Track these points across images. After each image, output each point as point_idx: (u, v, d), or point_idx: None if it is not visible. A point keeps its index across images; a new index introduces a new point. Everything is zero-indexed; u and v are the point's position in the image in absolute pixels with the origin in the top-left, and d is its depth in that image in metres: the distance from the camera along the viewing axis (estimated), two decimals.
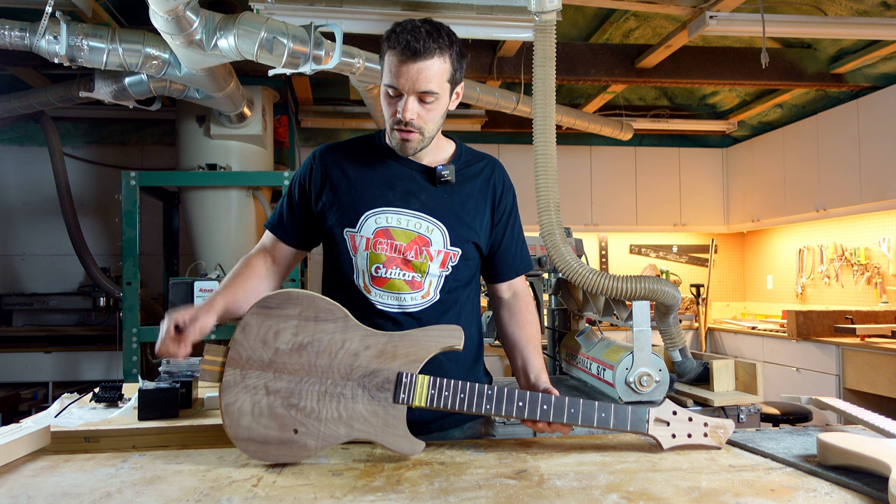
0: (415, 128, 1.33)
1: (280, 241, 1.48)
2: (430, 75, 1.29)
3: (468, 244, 1.41)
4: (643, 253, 6.26)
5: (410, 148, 1.36)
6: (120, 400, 2.06)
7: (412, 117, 1.31)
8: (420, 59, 1.27)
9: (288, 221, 1.47)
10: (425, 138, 1.36)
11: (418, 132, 1.34)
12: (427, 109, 1.32)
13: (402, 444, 1.18)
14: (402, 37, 1.27)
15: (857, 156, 4.51)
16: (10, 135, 5.31)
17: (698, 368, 2.15)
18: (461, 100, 1.47)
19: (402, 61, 1.28)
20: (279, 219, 1.49)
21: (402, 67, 1.28)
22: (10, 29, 2.87)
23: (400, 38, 1.28)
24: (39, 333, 4.94)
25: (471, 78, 4.15)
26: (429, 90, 1.30)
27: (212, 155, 4.15)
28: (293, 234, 1.48)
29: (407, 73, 1.28)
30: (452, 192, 1.41)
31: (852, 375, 4.08)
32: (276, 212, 1.50)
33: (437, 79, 1.30)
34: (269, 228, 1.50)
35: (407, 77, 1.28)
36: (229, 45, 2.73)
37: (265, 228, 1.52)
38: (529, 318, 1.51)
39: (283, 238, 1.48)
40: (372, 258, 1.37)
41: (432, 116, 1.34)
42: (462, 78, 1.39)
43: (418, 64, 1.27)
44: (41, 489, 1.04)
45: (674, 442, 1.23)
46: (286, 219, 1.47)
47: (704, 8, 3.47)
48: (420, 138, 1.35)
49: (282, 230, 1.48)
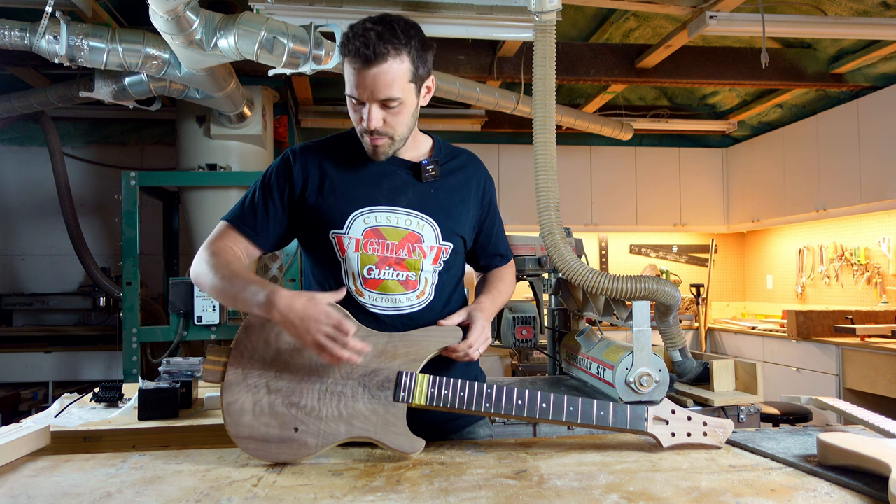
0: (382, 134, 1.28)
1: (247, 239, 1.35)
2: (387, 81, 1.22)
3: (457, 238, 1.41)
4: (643, 253, 6.26)
5: (382, 153, 1.32)
6: (120, 400, 2.06)
7: (377, 125, 1.26)
8: (373, 66, 1.20)
9: (260, 220, 1.36)
10: (396, 141, 1.32)
11: (387, 137, 1.29)
12: (393, 114, 1.27)
13: (401, 442, 1.18)
14: (353, 43, 1.20)
15: (857, 156, 4.51)
16: (10, 135, 5.31)
17: (698, 368, 2.15)
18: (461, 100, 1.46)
19: (357, 69, 1.22)
20: (248, 216, 1.36)
21: (359, 76, 1.22)
22: (10, 29, 2.87)
23: (351, 44, 1.21)
24: (39, 333, 4.94)
25: (471, 78, 4.14)
26: (389, 97, 1.24)
27: (212, 155, 4.15)
28: (262, 233, 1.36)
29: (363, 81, 1.22)
30: (438, 186, 1.39)
31: (852, 375, 4.08)
32: (242, 209, 1.37)
33: (397, 83, 1.23)
34: (235, 224, 1.36)
35: (364, 86, 1.22)
36: (229, 45, 2.73)
37: (225, 223, 1.37)
38: (504, 274, 1.55)
39: (251, 236, 1.35)
40: (363, 259, 1.32)
41: (400, 120, 1.29)
42: (429, 72, 1.31)
43: (373, 70, 1.21)
44: (41, 489, 1.04)
45: (673, 440, 1.23)
46: (258, 217, 1.35)
47: (704, 8, 3.47)
48: (390, 142, 1.31)
49: (250, 228, 1.35)
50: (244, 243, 1.35)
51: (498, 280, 1.53)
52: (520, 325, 2.31)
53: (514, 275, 1.60)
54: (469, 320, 1.33)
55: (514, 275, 1.61)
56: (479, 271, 1.59)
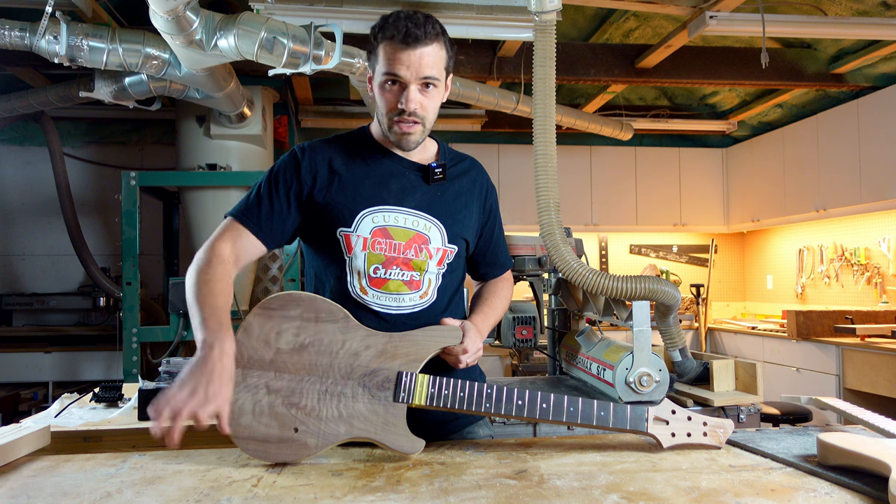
0: (418, 118, 1.31)
1: (252, 235, 1.34)
2: (431, 61, 1.28)
3: (461, 241, 1.42)
4: (643, 253, 6.26)
5: (413, 141, 1.34)
6: (120, 400, 2.06)
7: (416, 107, 1.29)
8: (421, 45, 1.26)
9: (265, 216, 1.35)
10: (426, 129, 1.35)
11: (421, 123, 1.32)
12: (428, 98, 1.31)
13: (401, 442, 1.18)
14: (401, 24, 1.26)
15: (857, 156, 4.50)
16: (10, 135, 5.31)
17: (698, 368, 2.15)
18: (461, 100, 1.47)
19: (403, 48, 1.26)
20: (253, 211, 1.35)
21: (403, 55, 1.26)
22: (10, 29, 2.87)
23: (399, 25, 1.26)
24: (39, 333, 4.94)
25: (471, 78, 4.15)
26: (431, 76, 1.29)
27: (212, 155, 4.15)
28: (267, 229, 1.35)
29: (408, 59, 1.26)
30: (444, 189, 1.40)
31: (852, 375, 4.08)
32: (248, 204, 1.36)
33: (438, 65, 1.30)
34: (240, 220, 1.34)
35: (409, 64, 1.27)
36: (229, 45, 2.73)
37: (231, 218, 1.35)
38: (499, 288, 1.54)
39: (256, 232, 1.34)
40: (370, 258, 1.33)
41: (433, 105, 1.33)
42: (453, 68, 1.38)
43: (419, 50, 1.26)
44: (41, 489, 1.04)
45: (673, 441, 1.23)
46: (263, 213, 1.35)
47: (704, 8, 3.47)
48: (422, 129, 1.34)
49: (255, 224, 1.34)
50: (249, 239, 1.34)
51: (492, 295, 1.51)
52: (520, 325, 2.31)
53: (510, 287, 1.58)
54: (462, 330, 1.32)
55: (511, 287, 1.59)
56: (477, 280, 1.58)
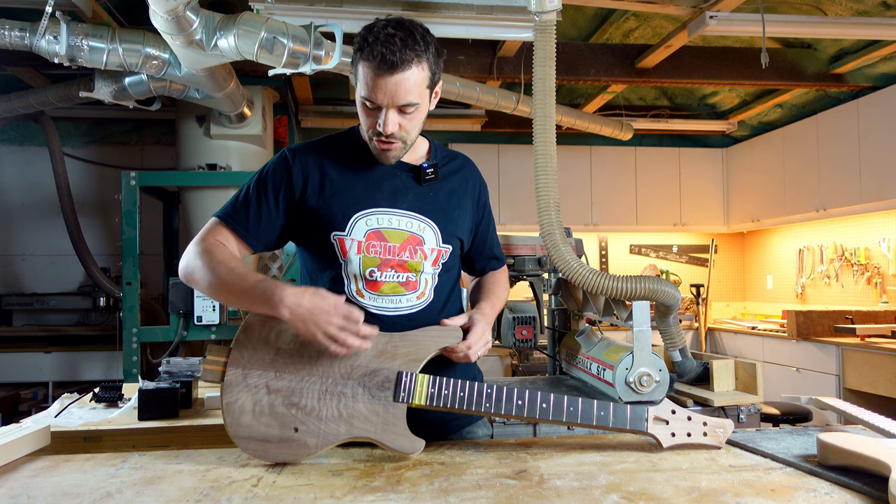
0: (396, 138, 1.28)
1: (237, 238, 1.32)
2: (409, 87, 1.22)
3: (456, 240, 1.42)
4: (643, 253, 6.26)
5: (392, 157, 1.32)
6: (120, 400, 2.06)
7: (393, 130, 1.25)
8: (397, 72, 1.20)
9: (252, 219, 1.32)
10: (407, 145, 1.32)
11: (400, 141, 1.29)
12: (408, 119, 1.27)
13: (401, 442, 1.18)
14: (376, 49, 1.19)
15: (857, 156, 4.50)
16: (10, 135, 5.31)
17: (698, 368, 2.15)
18: (461, 100, 1.47)
19: (378, 75, 1.20)
20: (240, 214, 1.33)
21: (379, 81, 1.20)
22: (10, 29, 2.87)
23: (374, 49, 1.19)
24: (39, 333, 4.94)
25: (471, 78, 4.15)
26: (409, 102, 1.23)
27: (212, 155, 4.15)
28: (253, 233, 1.33)
29: (384, 86, 1.21)
30: (437, 189, 1.40)
31: (852, 375, 4.08)
32: (235, 206, 1.34)
33: (417, 89, 1.23)
34: (226, 222, 1.32)
35: (385, 91, 1.21)
36: (229, 45, 2.73)
37: (216, 219, 1.33)
38: (499, 278, 1.56)
39: (242, 235, 1.32)
40: (365, 262, 1.32)
41: (414, 125, 1.29)
42: (440, 77, 1.32)
43: (395, 77, 1.20)
44: (41, 489, 1.04)
45: (673, 441, 1.23)
46: (250, 216, 1.32)
47: (704, 8, 3.47)
48: (402, 146, 1.31)
49: (241, 227, 1.32)
50: (234, 242, 1.33)
51: (494, 284, 1.54)
52: (520, 325, 2.30)
53: (507, 279, 1.61)
54: (470, 323, 1.33)
55: (508, 279, 1.61)
56: (475, 275, 1.59)
